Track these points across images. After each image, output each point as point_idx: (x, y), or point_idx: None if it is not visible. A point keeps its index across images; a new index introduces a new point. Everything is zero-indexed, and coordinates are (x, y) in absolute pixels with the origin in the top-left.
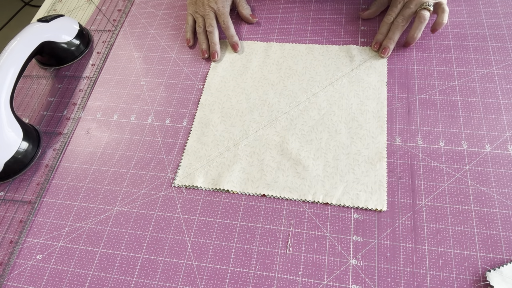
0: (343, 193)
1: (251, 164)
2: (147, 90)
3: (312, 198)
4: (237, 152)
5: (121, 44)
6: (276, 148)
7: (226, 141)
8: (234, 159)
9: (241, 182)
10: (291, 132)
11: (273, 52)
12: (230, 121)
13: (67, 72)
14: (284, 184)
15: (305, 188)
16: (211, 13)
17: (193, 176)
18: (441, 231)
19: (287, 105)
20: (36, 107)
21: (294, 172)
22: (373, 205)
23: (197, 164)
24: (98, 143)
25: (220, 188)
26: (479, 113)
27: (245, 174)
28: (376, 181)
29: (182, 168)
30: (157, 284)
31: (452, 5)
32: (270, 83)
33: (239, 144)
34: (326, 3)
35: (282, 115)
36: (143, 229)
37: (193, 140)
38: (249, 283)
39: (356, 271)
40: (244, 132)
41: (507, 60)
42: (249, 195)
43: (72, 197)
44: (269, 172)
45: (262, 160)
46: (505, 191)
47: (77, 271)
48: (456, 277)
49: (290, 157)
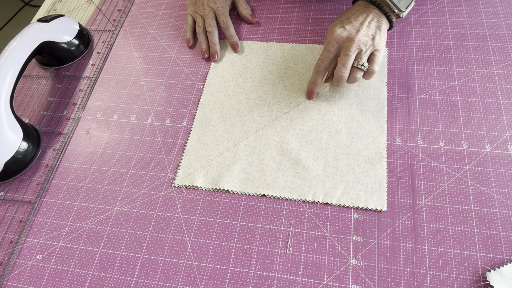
0: (343, 193)
1: (251, 164)
2: (147, 90)
3: (312, 198)
4: (237, 152)
5: (121, 44)
6: (276, 148)
7: (226, 141)
8: (234, 159)
9: (241, 182)
10: (291, 132)
11: (273, 52)
12: (230, 121)
13: (67, 72)
14: (284, 184)
15: (305, 188)
16: (210, 13)
17: (193, 176)
18: (441, 231)
19: (287, 105)
20: (36, 107)
21: (294, 172)
22: (373, 205)
23: (197, 164)
24: (98, 143)
25: (220, 188)
26: (479, 113)
27: (245, 174)
28: (376, 181)
29: (182, 168)
30: (157, 284)
31: (452, 5)
32: (270, 83)
33: (239, 144)
34: (326, 3)
35: (282, 115)
36: (143, 229)
37: (193, 140)
38: (249, 283)
39: (356, 271)
40: (244, 132)
41: (507, 60)
42: (249, 195)
43: (72, 197)
44: (269, 172)
45: (262, 160)
46: (505, 191)
47: (77, 271)
48: (456, 277)
49: (290, 157)
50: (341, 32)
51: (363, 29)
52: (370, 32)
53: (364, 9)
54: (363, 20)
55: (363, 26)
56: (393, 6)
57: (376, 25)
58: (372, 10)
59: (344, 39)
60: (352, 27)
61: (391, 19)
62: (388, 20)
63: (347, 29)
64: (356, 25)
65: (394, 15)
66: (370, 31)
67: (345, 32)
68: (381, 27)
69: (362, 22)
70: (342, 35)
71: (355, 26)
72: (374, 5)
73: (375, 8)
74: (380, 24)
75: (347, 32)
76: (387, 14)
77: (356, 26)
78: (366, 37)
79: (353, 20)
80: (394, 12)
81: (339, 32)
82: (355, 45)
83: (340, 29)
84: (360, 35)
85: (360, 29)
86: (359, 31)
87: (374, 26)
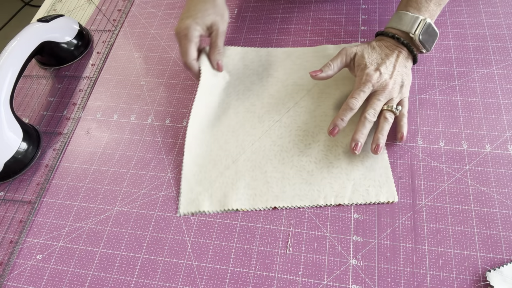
0: (353, 191)
1: (255, 179)
2: (147, 90)
3: (324, 202)
4: (237, 168)
5: (121, 44)
6: (276, 158)
7: (223, 159)
8: (237, 176)
9: (248, 199)
10: (288, 140)
11: (251, 61)
12: (223, 138)
13: (67, 72)
14: (292, 192)
15: (315, 193)
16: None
17: (198, 201)
18: (441, 231)
19: (277, 113)
20: (36, 107)
21: (300, 179)
22: (384, 198)
23: (198, 188)
24: (98, 143)
25: (229, 209)
26: (479, 113)
27: (251, 189)
28: (382, 173)
29: (183, 195)
30: (157, 284)
31: (452, 5)
32: (255, 94)
33: (238, 160)
34: (326, 3)
35: (274, 123)
36: (143, 229)
37: (189, 164)
38: (249, 283)
39: (356, 271)
40: (240, 147)
41: (507, 60)
42: (260, 210)
43: (72, 197)
44: (275, 183)
45: (265, 172)
46: (505, 191)
47: (77, 271)
48: (456, 277)
49: (292, 165)
50: (378, 78)
51: (395, 75)
52: (399, 79)
53: (394, 50)
54: (394, 64)
55: (395, 71)
56: (422, 47)
57: (403, 70)
58: (401, 50)
59: (380, 85)
60: (386, 73)
61: (416, 57)
62: (414, 58)
63: (382, 73)
64: (389, 70)
65: (418, 51)
66: (399, 78)
67: (382, 78)
68: (406, 71)
69: (394, 66)
70: (379, 81)
71: (389, 71)
72: (406, 47)
73: (405, 50)
74: (405, 68)
75: (383, 78)
76: (413, 53)
77: (389, 71)
78: (397, 85)
79: (387, 64)
80: (422, 51)
81: (376, 77)
82: (387, 92)
83: (376, 73)
84: (393, 82)
85: (393, 75)
86: (391, 78)
87: (402, 72)
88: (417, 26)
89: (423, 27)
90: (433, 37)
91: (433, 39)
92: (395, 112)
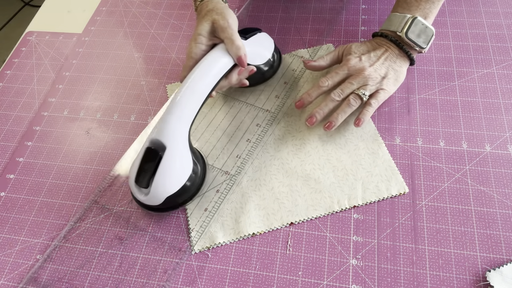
0: (364, 190)
1: (263, 198)
2: (147, 90)
3: (338, 207)
4: (242, 191)
5: (121, 44)
6: (279, 172)
7: (224, 184)
8: (244, 199)
9: (263, 220)
10: (286, 151)
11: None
12: (219, 162)
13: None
14: (305, 204)
15: (327, 200)
16: None
17: (210, 234)
18: (441, 231)
19: (267, 124)
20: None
21: (309, 189)
22: (395, 191)
23: (208, 220)
24: (98, 143)
25: (245, 235)
26: (479, 113)
27: (262, 210)
28: (386, 167)
29: (194, 232)
30: (157, 284)
31: (452, 5)
32: (238, 110)
33: (241, 181)
34: (326, 3)
35: (268, 137)
36: (143, 228)
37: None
38: (249, 283)
39: (356, 271)
40: (239, 168)
41: (507, 60)
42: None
43: (72, 197)
44: (285, 198)
45: (271, 189)
46: (505, 191)
47: (77, 271)
48: (456, 277)
49: (297, 176)
50: (356, 63)
51: (377, 65)
52: (382, 71)
53: (383, 46)
54: (380, 55)
55: (378, 62)
56: (413, 45)
57: (390, 64)
58: (391, 47)
59: (355, 69)
60: (367, 61)
61: (412, 57)
62: (409, 58)
63: (362, 60)
64: (372, 60)
65: (415, 52)
66: (383, 70)
67: (359, 63)
68: (394, 67)
69: (379, 57)
70: (356, 66)
71: (371, 60)
72: (395, 44)
73: (395, 47)
74: (394, 64)
75: (361, 64)
76: (408, 52)
77: (371, 60)
78: (377, 74)
79: (371, 55)
80: (416, 50)
81: (354, 61)
82: (362, 77)
83: (356, 59)
84: (372, 70)
85: (374, 64)
86: (372, 66)
87: (388, 65)
88: (404, 24)
89: (410, 24)
90: (426, 34)
91: (426, 37)
92: (362, 97)
